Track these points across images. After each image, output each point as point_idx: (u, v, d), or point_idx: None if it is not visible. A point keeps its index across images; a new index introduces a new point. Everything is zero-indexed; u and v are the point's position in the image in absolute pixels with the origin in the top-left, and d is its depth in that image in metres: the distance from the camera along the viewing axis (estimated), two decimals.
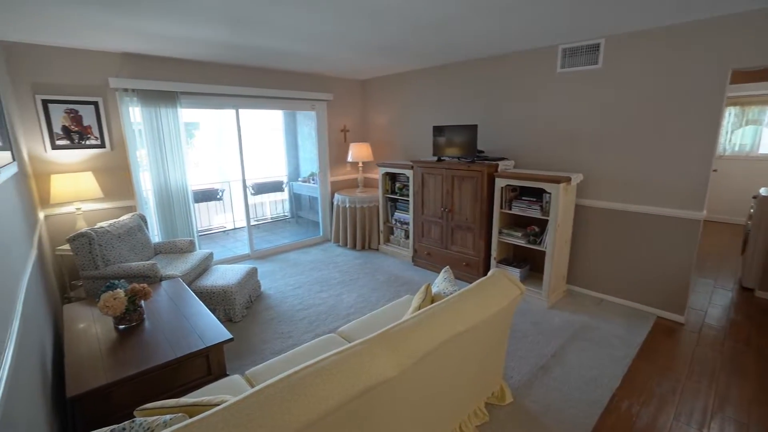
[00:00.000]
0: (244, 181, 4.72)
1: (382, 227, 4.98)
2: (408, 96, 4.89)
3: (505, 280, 2.00)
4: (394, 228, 4.94)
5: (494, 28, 2.88)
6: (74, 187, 3.21)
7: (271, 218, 7.24)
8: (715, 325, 3.04)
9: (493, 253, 3.72)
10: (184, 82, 3.86)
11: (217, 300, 3.12)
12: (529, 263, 3.79)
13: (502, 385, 2.22)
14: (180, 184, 3.95)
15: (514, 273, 3.61)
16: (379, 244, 5.08)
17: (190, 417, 1.20)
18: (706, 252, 4.74)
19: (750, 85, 5.28)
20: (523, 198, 3.49)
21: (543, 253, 3.37)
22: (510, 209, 3.56)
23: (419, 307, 1.92)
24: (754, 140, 5.99)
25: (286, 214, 7.36)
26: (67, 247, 3.24)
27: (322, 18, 2.58)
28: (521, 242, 3.52)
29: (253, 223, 6.71)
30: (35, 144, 3.24)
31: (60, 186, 3.17)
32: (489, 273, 2.07)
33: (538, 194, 3.40)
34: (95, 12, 2.40)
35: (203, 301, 3.07)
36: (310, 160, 6.64)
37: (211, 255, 3.66)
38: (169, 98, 3.76)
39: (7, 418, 1.09)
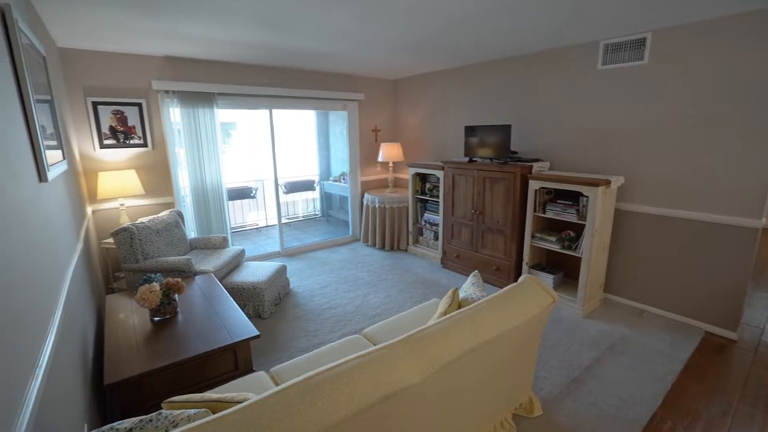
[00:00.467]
0: (276, 179, 4.83)
1: (411, 228, 4.94)
2: (439, 95, 4.82)
3: (536, 288, 1.91)
4: (424, 229, 4.88)
5: (531, 24, 2.77)
6: (119, 183, 3.40)
7: (303, 217, 7.36)
8: None
9: (525, 258, 3.58)
10: (220, 83, 3.99)
11: (247, 296, 3.20)
12: (563, 269, 3.62)
13: (531, 396, 2.12)
14: (215, 182, 4.08)
15: (547, 279, 3.46)
16: (407, 245, 5.04)
17: (213, 413, 1.22)
18: (765, 263, 4.36)
19: None
20: (558, 201, 3.34)
21: (578, 260, 3.21)
22: (544, 212, 3.42)
23: (445, 312, 1.87)
24: None
25: (316, 212, 7.47)
26: (111, 240, 3.43)
27: (356, 16, 2.57)
28: (555, 247, 3.37)
29: (284, 221, 6.88)
30: (85, 143, 3.45)
31: (106, 183, 3.36)
32: (520, 279, 1.98)
33: (574, 197, 3.24)
34: (142, 18, 2.53)
35: (234, 297, 3.16)
36: (341, 159, 6.70)
37: (243, 252, 3.76)
38: (207, 99, 3.89)
39: (47, 400, 1.15)
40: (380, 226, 5.07)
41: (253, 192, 6.71)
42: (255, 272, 3.41)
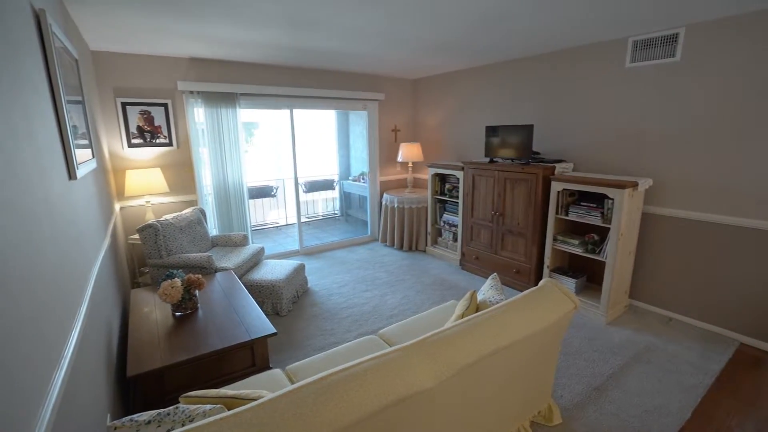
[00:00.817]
0: (296, 178, 4.88)
1: (430, 229, 4.90)
2: (460, 95, 4.76)
3: (557, 292, 1.85)
4: (442, 230, 4.83)
5: (559, 21, 2.70)
6: (145, 181, 3.51)
7: (322, 216, 7.43)
8: None
9: (546, 261, 3.49)
10: (243, 84, 4.07)
11: (265, 293, 3.25)
12: (586, 274, 3.51)
13: (551, 403, 2.06)
14: (236, 181, 4.16)
15: (569, 283, 3.36)
16: (426, 245, 5.00)
17: (228, 409, 1.24)
18: None
19: None
20: (582, 203, 3.23)
21: (602, 264, 3.10)
22: (566, 215, 3.32)
23: (463, 315, 1.84)
24: None
25: (336, 212, 7.51)
26: (137, 236, 3.55)
27: (379, 16, 2.57)
28: (578, 251, 3.27)
29: (304, 220, 6.95)
30: (114, 142, 3.58)
31: (133, 180, 3.48)
32: (540, 283, 1.93)
33: (599, 200, 3.13)
34: (172, 21, 2.62)
35: (253, 294, 3.21)
36: (361, 159, 6.71)
37: (262, 249, 3.82)
38: (230, 99, 3.97)
39: (71, 389, 1.20)
40: (399, 227, 5.05)
41: (274, 191, 6.81)
42: (274, 270, 3.45)
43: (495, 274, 2.19)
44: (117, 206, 3.53)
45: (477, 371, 1.47)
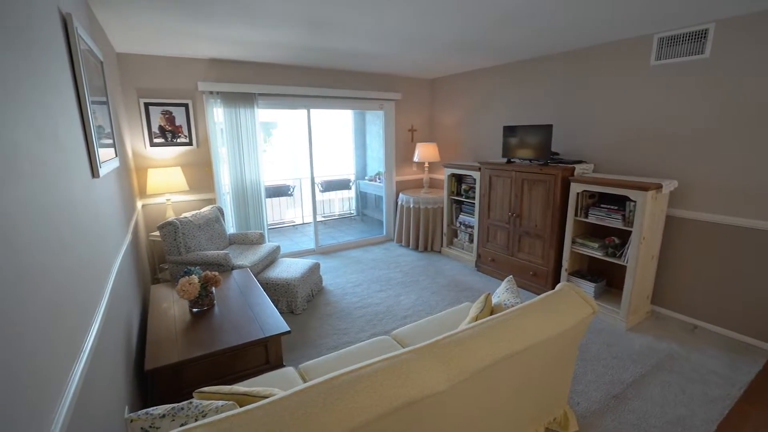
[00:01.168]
0: (312, 178, 4.92)
1: (445, 229, 4.86)
2: (478, 95, 4.70)
3: (574, 297, 1.80)
4: (458, 231, 4.78)
5: (580, 19, 2.63)
6: (166, 180, 3.60)
7: (338, 215, 7.47)
8: None
9: (564, 264, 3.41)
10: (261, 84, 4.12)
11: (280, 292, 3.28)
12: (606, 278, 3.41)
13: (567, 410, 2.01)
14: (254, 180, 4.22)
15: (588, 288, 3.27)
16: (441, 246, 4.96)
17: (240, 406, 1.25)
18: None
19: None
20: (602, 205, 3.14)
21: (623, 268, 3.01)
22: (586, 217, 3.24)
23: (476, 318, 1.81)
24: None
25: (352, 211, 7.54)
26: (157, 233, 3.64)
27: (402, 16, 2.57)
28: (598, 254, 3.18)
29: (320, 219, 7.01)
30: (137, 141, 3.68)
31: (155, 179, 3.57)
32: (557, 287, 1.88)
33: (620, 202, 3.04)
34: (195, 23, 2.68)
35: (268, 292, 3.25)
36: (377, 159, 6.72)
37: (278, 248, 3.86)
38: (248, 99, 4.03)
39: (90, 381, 1.23)
40: (414, 227, 5.03)
41: (291, 190, 6.89)
42: (289, 269, 3.49)
43: (511, 276, 2.15)
44: (139, 204, 3.63)
45: (490, 375, 1.44)
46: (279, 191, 6.73)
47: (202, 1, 2.27)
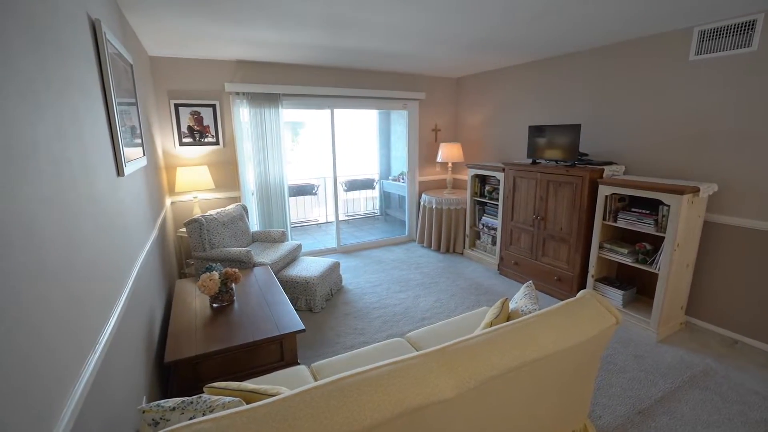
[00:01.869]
0: (335, 177, 4.95)
1: (468, 231, 4.77)
2: (504, 93, 4.58)
3: (596, 305, 1.72)
4: (481, 233, 4.69)
5: (613, 12, 2.50)
6: (193, 178, 3.72)
7: (363, 214, 7.49)
8: None
9: (591, 270, 3.27)
10: (285, 84, 4.19)
11: (300, 290, 3.32)
12: (636, 285, 3.24)
13: (587, 423, 1.92)
14: (278, 179, 4.30)
15: (616, 295, 3.12)
16: (463, 248, 4.88)
17: (246, 403, 1.27)
18: None
19: None
20: (633, 209, 2.98)
21: (655, 276, 2.84)
22: (615, 221, 3.08)
23: (491, 324, 1.76)
24: None
25: (375, 211, 7.55)
26: (183, 229, 3.77)
27: (426, 15, 2.54)
28: (627, 260, 3.02)
29: (344, 218, 7.05)
30: (167, 141, 3.83)
31: (183, 177, 3.70)
32: (578, 294, 1.80)
33: (652, 206, 2.87)
34: (216, 26, 2.76)
35: (287, 290, 3.30)
36: (401, 159, 6.68)
37: (299, 246, 3.91)
38: (273, 100, 4.11)
39: (105, 371, 1.28)
40: (436, 228, 4.97)
41: (315, 189, 6.97)
42: (309, 267, 3.52)
43: (530, 281, 2.08)
44: (168, 201, 3.78)
45: (501, 384, 1.39)
46: (303, 190, 6.83)
47: (227, 5, 2.33)
